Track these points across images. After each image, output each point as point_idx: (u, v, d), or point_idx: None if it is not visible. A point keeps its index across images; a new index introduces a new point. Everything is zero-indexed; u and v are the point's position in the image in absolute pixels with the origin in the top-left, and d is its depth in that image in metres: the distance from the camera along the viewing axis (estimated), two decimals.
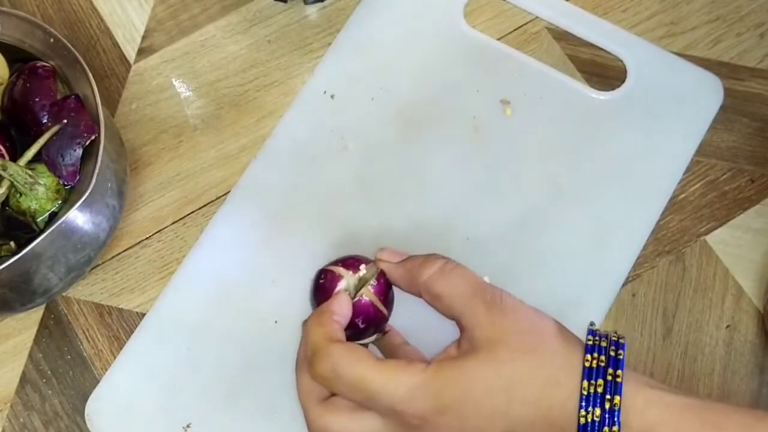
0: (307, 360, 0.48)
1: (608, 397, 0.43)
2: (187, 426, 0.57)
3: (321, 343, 0.47)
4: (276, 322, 0.59)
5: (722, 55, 0.66)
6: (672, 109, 0.63)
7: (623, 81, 0.64)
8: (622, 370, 0.43)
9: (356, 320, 0.51)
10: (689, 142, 0.63)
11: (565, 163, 0.62)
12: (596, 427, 0.42)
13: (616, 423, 0.42)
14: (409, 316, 0.54)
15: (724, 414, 0.42)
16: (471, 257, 0.59)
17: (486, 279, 0.59)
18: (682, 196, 0.63)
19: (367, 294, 0.52)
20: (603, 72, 0.65)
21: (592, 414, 0.42)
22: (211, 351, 0.58)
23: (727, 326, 0.60)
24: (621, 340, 0.45)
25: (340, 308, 0.50)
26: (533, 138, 0.63)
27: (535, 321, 0.47)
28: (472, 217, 0.61)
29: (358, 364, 0.46)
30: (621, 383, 0.43)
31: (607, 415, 0.42)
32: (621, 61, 0.65)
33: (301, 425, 0.56)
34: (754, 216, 0.62)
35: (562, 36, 0.66)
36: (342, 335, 0.49)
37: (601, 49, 0.65)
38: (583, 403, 0.43)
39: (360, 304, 0.52)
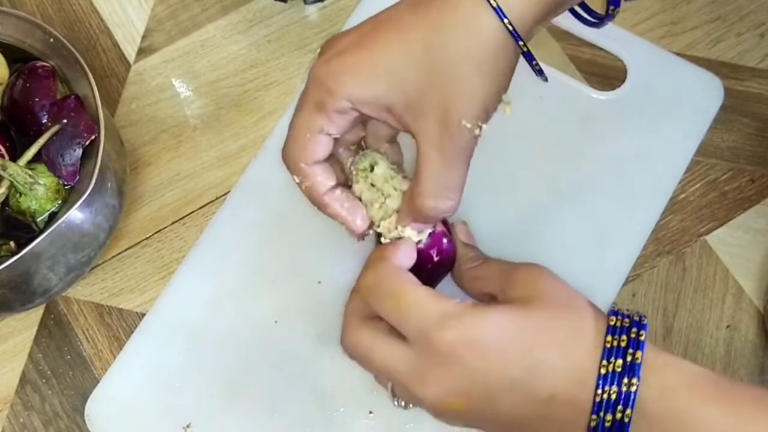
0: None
1: (630, 351, 0.44)
2: (187, 426, 0.57)
3: (374, 260, 0.50)
4: (276, 322, 0.59)
5: (722, 55, 0.66)
6: (672, 109, 0.63)
7: (623, 81, 0.64)
8: (645, 331, 0.45)
9: (431, 251, 0.52)
10: (689, 142, 0.63)
11: (565, 163, 0.62)
12: (617, 378, 0.44)
13: (636, 375, 0.43)
14: None
15: (737, 385, 0.44)
16: None
17: None
18: (682, 196, 0.63)
19: (439, 225, 0.52)
20: (603, 72, 0.65)
21: (614, 365, 0.44)
22: (211, 351, 0.58)
23: (728, 326, 0.60)
24: (644, 319, 0.47)
25: (402, 249, 0.51)
26: (533, 138, 0.63)
27: (569, 289, 0.49)
28: (472, 217, 0.61)
29: (401, 280, 0.48)
30: (643, 342, 0.44)
31: (628, 367, 0.44)
32: (621, 61, 0.65)
33: (301, 425, 0.57)
34: (754, 216, 0.62)
35: (562, 36, 0.66)
36: (398, 263, 0.50)
37: (601, 49, 0.65)
38: (606, 354, 0.44)
39: (432, 234, 0.52)
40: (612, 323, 0.46)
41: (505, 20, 0.45)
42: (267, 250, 0.61)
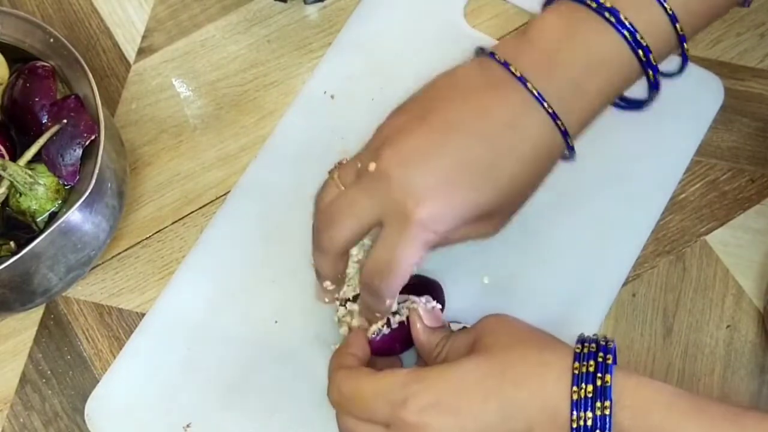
0: None
1: (599, 375, 0.44)
2: (187, 426, 0.57)
3: (331, 374, 0.51)
4: (276, 322, 0.59)
5: (722, 55, 0.66)
6: (672, 109, 0.63)
7: None
8: (612, 354, 0.45)
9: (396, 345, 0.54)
10: (689, 142, 0.63)
11: (565, 164, 0.62)
12: (589, 403, 0.44)
13: (608, 398, 0.44)
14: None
15: (711, 403, 0.44)
16: (471, 258, 0.59)
17: (486, 279, 0.59)
18: (682, 196, 0.63)
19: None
20: None
21: (585, 390, 0.44)
22: (210, 351, 0.58)
23: (728, 326, 0.60)
24: (610, 343, 0.47)
25: (354, 343, 0.53)
26: None
27: (532, 328, 0.50)
28: None
29: (355, 379, 0.48)
30: (611, 365, 0.45)
31: (599, 391, 0.44)
32: None
33: (301, 425, 0.57)
34: (754, 216, 0.62)
35: None
36: (353, 363, 0.51)
37: None
38: (575, 381, 0.44)
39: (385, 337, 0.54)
40: (578, 351, 0.46)
41: (559, 122, 0.48)
42: (267, 249, 0.61)
